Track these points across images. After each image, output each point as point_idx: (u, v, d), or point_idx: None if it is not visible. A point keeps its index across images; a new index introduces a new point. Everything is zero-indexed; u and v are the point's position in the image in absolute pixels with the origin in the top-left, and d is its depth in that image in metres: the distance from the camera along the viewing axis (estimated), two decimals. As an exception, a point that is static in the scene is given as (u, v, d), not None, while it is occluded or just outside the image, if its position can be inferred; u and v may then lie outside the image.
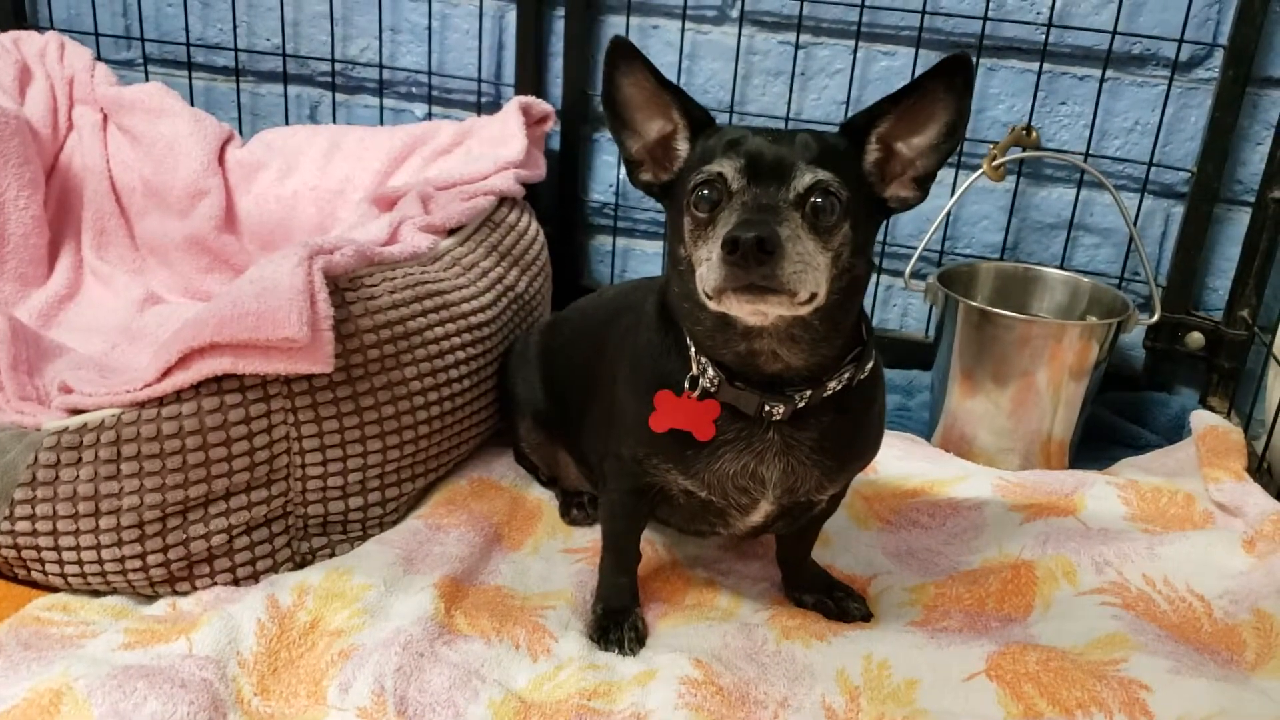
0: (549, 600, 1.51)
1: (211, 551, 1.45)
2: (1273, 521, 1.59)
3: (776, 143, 1.18)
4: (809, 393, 1.26)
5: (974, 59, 2.09)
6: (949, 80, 1.18)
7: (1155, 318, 1.98)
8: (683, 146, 1.29)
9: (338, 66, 2.49)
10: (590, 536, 1.68)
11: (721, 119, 2.19)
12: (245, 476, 1.44)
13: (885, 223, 1.70)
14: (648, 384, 1.32)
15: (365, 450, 1.54)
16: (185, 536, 1.42)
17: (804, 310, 1.15)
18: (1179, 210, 2.13)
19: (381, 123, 2.48)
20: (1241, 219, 2.09)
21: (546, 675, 1.35)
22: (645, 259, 2.45)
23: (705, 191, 1.17)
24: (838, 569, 1.62)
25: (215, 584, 1.46)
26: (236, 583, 1.47)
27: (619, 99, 1.28)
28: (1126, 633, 1.42)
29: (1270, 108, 2.03)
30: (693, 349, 1.29)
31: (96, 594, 1.46)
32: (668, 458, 1.33)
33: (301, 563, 1.53)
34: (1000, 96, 2.15)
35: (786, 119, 2.24)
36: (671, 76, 2.23)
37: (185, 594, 1.46)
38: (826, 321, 1.21)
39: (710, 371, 1.27)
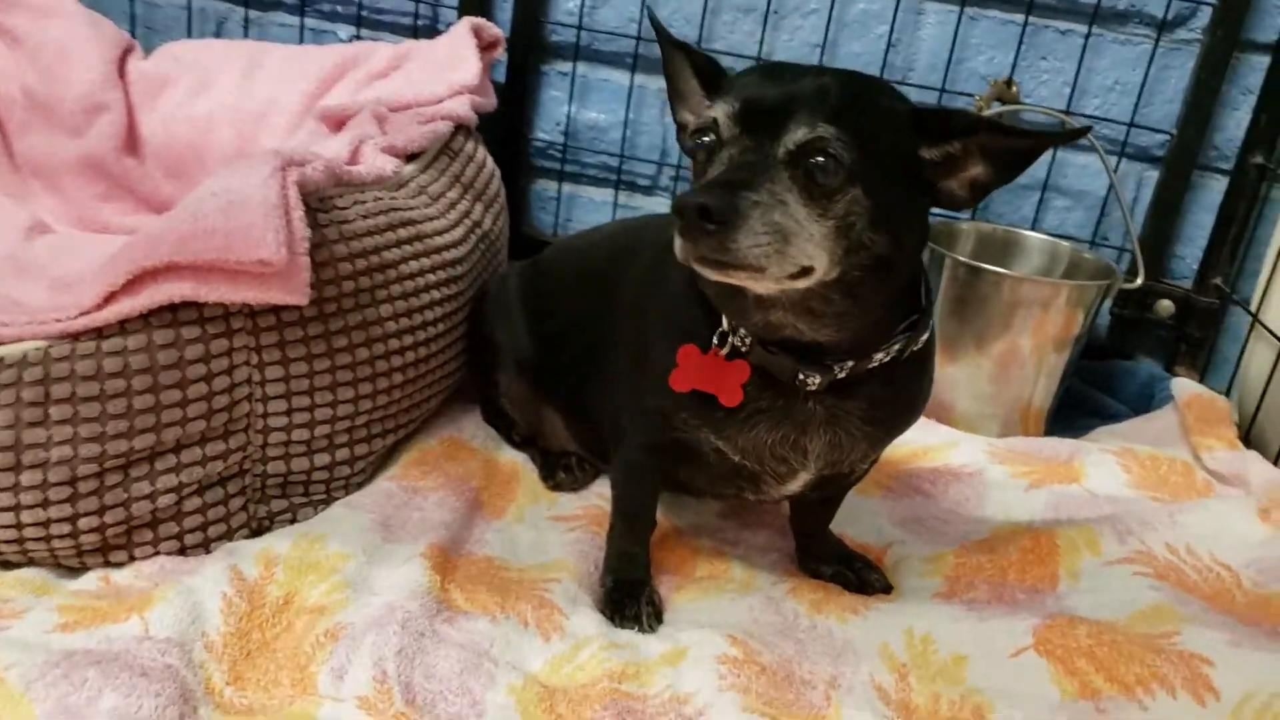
0: (549, 572, 1.33)
1: (156, 515, 1.21)
2: (1286, 491, 1.55)
3: (788, 83, 1.01)
4: (850, 364, 1.13)
5: (958, 7, 2.02)
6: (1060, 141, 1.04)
7: (1140, 281, 1.92)
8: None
9: (251, -23, 2.22)
10: (578, 503, 1.51)
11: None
12: (200, 426, 1.22)
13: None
14: (678, 333, 1.17)
15: (335, 399, 1.33)
16: (126, 496, 1.18)
17: (801, 283, 1.00)
18: (1152, 174, 2.07)
19: (301, 44, 2.22)
20: (1214, 185, 2.05)
21: (564, 656, 1.18)
22: (593, 207, 2.26)
23: (703, 139, 1.03)
24: (849, 538, 1.49)
25: (158, 553, 1.23)
26: (183, 551, 1.25)
27: (668, 70, 1.18)
28: (1170, 604, 1.34)
29: (1250, 73, 1.99)
30: None
31: (8, 566, 1.21)
32: (697, 415, 1.18)
33: (258, 529, 1.31)
34: (981, 48, 2.05)
35: (758, 60, 2.09)
36: (635, 5, 2.11)
37: (121, 565, 1.22)
38: (847, 297, 1.06)
39: (743, 329, 1.13)
